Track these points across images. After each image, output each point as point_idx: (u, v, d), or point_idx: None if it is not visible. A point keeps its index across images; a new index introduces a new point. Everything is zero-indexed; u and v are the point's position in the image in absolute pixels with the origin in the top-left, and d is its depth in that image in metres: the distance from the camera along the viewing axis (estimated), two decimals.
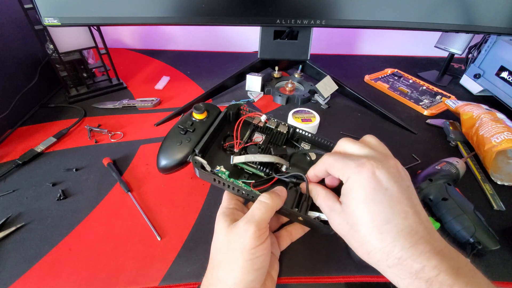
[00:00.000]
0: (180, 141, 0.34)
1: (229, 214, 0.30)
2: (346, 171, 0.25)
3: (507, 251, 0.36)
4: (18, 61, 0.57)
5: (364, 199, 0.23)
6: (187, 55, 0.89)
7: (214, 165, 0.33)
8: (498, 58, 0.65)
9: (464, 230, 0.35)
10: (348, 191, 0.25)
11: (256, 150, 0.35)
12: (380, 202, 0.22)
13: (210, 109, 0.39)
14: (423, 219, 0.23)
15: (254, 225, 0.26)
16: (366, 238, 0.23)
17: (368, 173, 0.23)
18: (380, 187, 0.23)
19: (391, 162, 0.25)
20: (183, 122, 0.36)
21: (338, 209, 0.26)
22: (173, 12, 0.50)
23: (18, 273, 0.33)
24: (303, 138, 0.39)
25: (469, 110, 0.53)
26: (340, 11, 0.52)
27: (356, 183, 0.24)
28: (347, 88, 0.64)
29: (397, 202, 0.22)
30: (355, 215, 0.24)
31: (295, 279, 0.34)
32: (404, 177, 0.24)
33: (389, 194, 0.23)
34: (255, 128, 0.39)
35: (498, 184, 0.45)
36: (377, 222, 0.22)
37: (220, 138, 0.38)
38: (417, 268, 0.21)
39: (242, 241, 0.26)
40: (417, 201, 0.24)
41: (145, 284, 0.32)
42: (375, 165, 0.23)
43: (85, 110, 0.60)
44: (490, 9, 0.51)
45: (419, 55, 0.93)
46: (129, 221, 0.39)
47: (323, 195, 0.28)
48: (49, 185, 0.43)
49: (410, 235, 0.21)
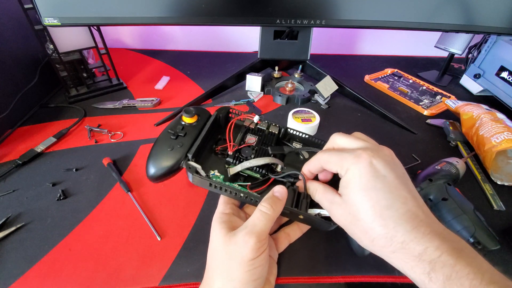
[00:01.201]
0: (172, 146, 0.33)
1: (226, 221, 0.29)
2: (344, 164, 0.25)
3: (507, 251, 0.36)
4: (18, 61, 0.57)
5: (364, 187, 0.24)
6: (187, 55, 0.89)
7: (208, 169, 0.33)
8: (498, 58, 0.65)
9: (464, 230, 0.35)
10: (347, 183, 0.25)
11: (250, 151, 0.35)
12: (379, 189, 0.23)
13: (200, 112, 0.38)
14: (420, 204, 0.24)
15: (255, 237, 0.26)
16: (369, 225, 0.23)
17: (365, 163, 0.24)
18: (378, 174, 0.24)
19: (386, 151, 0.26)
20: (173, 127, 0.35)
21: (339, 201, 0.26)
22: (173, 12, 0.50)
23: (18, 273, 0.33)
24: (294, 138, 0.39)
25: (469, 110, 0.53)
26: (340, 11, 0.52)
27: (355, 173, 0.24)
28: (347, 88, 0.64)
29: (396, 188, 0.23)
30: (357, 204, 0.24)
31: (295, 279, 0.34)
32: (398, 165, 0.25)
33: (387, 181, 0.23)
34: (247, 130, 0.38)
35: (498, 184, 0.45)
36: (379, 209, 0.23)
37: (212, 142, 0.37)
38: (419, 250, 0.21)
39: (241, 252, 0.26)
40: (412, 188, 0.25)
41: (145, 284, 0.32)
42: (371, 154, 0.24)
43: (85, 110, 0.60)
44: (490, 9, 0.51)
45: (419, 55, 0.93)
46: (129, 221, 0.39)
47: (322, 189, 0.28)
48: (49, 185, 0.43)
49: (411, 219, 0.22)
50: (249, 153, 0.35)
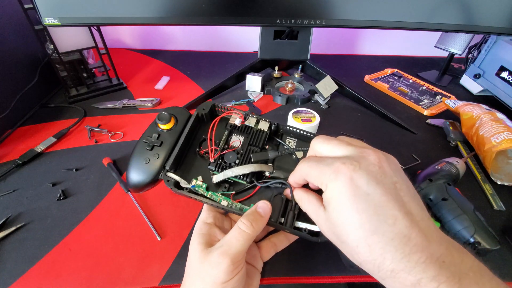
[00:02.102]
0: (147, 158, 0.31)
1: (205, 234, 0.28)
2: (323, 179, 0.22)
3: (507, 251, 0.36)
4: (18, 61, 0.57)
5: (345, 208, 0.21)
6: (187, 55, 0.89)
7: (192, 175, 0.31)
8: (498, 58, 0.65)
9: (464, 230, 0.35)
10: (328, 201, 0.22)
11: (235, 157, 0.32)
12: (362, 211, 0.20)
13: (178, 114, 0.34)
14: (416, 219, 0.20)
15: (229, 259, 0.24)
16: (354, 250, 0.21)
17: (344, 179, 0.21)
18: (360, 193, 0.20)
19: (371, 157, 0.22)
20: (148, 136, 0.32)
21: (323, 216, 0.23)
22: (173, 12, 0.50)
23: (18, 273, 0.33)
24: (287, 133, 0.36)
25: (469, 110, 0.53)
26: (340, 11, 0.52)
27: (334, 192, 0.22)
28: (347, 88, 0.64)
29: (382, 207, 0.20)
30: (339, 226, 0.21)
31: (295, 279, 0.34)
32: (387, 173, 0.21)
33: (371, 199, 0.20)
34: (232, 128, 0.35)
35: (498, 184, 0.45)
36: (363, 233, 0.20)
37: (196, 143, 0.34)
38: (412, 280, 0.18)
39: (214, 273, 0.25)
40: (408, 198, 0.21)
41: (145, 284, 0.32)
42: (351, 168, 0.21)
43: (85, 110, 0.60)
44: (490, 9, 0.51)
45: (419, 55, 0.93)
46: (129, 221, 0.39)
47: (307, 199, 0.26)
48: (49, 185, 0.43)
49: (402, 244, 0.19)
50: (233, 159, 0.32)
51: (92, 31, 0.59)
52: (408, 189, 0.21)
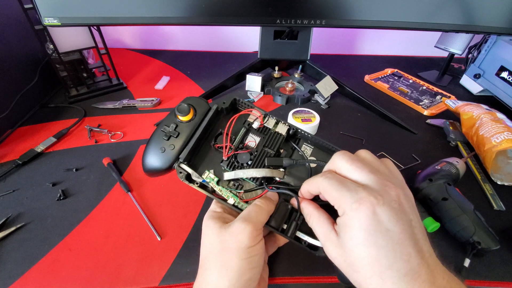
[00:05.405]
0: (163, 148, 0.31)
1: (219, 217, 0.29)
2: (342, 203, 0.22)
3: (507, 251, 0.36)
4: (18, 61, 0.57)
5: (363, 242, 0.21)
6: (187, 55, 0.89)
7: (204, 166, 0.32)
8: (498, 58, 0.65)
9: (464, 230, 0.35)
10: (344, 227, 0.22)
11: (248, 158, 0.32)
12: (381, 247, 0.20)
13: (197, 106, 0.34)
14: (426, 255, 0.21)
15: (252, 224, 0.26)
16: (366, 281, 0.21)
17: (367, 212, 0.21)
18: (381, 228, 0.21)
19: (392, 192, 0.22)
20: (165, 126, 0.33)
21: (335, 241, 0.23)
22: (173, 12, 0.50)
23: (18, 273, 0.33)
24: (305, 139, 0.35)
25: (469, 110, 0.53)
26: (340, 11, 0.52)
27: (353, 221, 0.21)
28: (347, 88, 0.64)
29: (400, 244, 0.20)
30: (353, 256, 0.22)
31: (295, 279, 0.34)
32: (406, 210, 0.22)
33: (390, 236, 0.20)
34: (250, 127, 0.34)
35: (498, 184, 0.45)
36: (378, 268, 0.20)
37: (212, 136, 0.34)
38: None
39: (238, 239, 0.25)
40: (420, 235, 0.22)
41: (145, 284, 0.32)
42: (375, 202, 0.21)
43: (85, 110, 0.60)
44: (490, 9, 0.51)
45: (419, 55, 0.93)
46: (129, 221, 0.39)
47: (317, 218, 0.26)
48: (49, 185, 0.43)
49: (413, 280, 0.20)
50: (246, 159, 0.31)
51: (92, 31, 0.59)
52: (421, 227, 0.22)
